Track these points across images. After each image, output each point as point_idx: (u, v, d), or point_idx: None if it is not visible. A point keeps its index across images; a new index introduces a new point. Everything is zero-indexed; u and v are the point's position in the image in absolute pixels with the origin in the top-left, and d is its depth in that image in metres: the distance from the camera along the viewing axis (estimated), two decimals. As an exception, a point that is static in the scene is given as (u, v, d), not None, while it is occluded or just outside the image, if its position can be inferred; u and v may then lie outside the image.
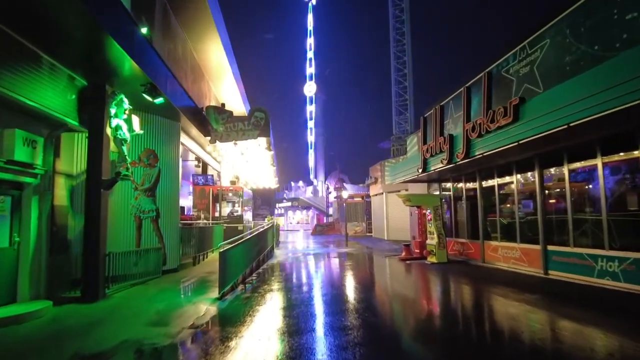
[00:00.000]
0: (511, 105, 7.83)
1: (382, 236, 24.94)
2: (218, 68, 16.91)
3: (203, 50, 15.36)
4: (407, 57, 44.49)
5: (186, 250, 12.12)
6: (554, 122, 6.78)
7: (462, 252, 13.47)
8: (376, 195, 26.81)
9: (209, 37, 14.83)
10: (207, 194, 18.15)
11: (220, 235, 15.50)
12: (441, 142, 10.65)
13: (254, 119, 13.23)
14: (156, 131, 10.53)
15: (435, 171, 11.60)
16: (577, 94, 6.40)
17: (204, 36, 14.71)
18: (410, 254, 14.59)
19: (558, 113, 6.70)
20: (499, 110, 8.26)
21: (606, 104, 5.91)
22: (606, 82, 6.00)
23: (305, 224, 54.76)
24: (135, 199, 9.97)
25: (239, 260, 9.47)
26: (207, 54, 15.71)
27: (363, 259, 15.71)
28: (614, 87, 5.80)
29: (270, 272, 11.71)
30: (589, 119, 6.22)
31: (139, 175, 10.09)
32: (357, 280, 10.03)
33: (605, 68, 6.28)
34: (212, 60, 16.20)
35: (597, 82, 6.19)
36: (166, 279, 10.08)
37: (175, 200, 11.12)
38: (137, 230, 9.95)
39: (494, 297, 7.70)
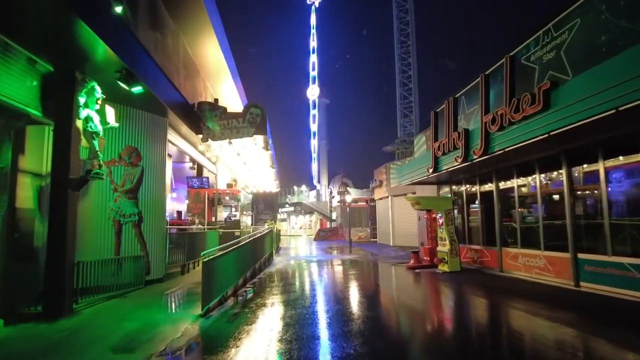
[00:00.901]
0: (541, 91, 6.77)
1: (388, 242, 23.81)
2: (215, 67, 15.96)
3: (198, 46, 14.39)
4: (412, 59, 43.58)
5: (174, 258, 11.08)
6: (596, 107, 5.71)
7: (476, 260, 12.34)
8: (381, 199, 25.70)
9: (203, 34, 13.87)
10: (203, 198, 17.15)
11: (215, 242, 14.46)
12: (455, 137, 9.59)
13: (250, 116, 12.23)
14: (139, 127, 9.54)
15: (447, 171, 10.53)
16: (627, 73, 5.33)
17: (198, 33, 13.75)
18: (419, 261, 13.48)
19: (601, 96, 5.63)
20: (525, 98, 7.18)
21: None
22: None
23: (308, 228, 53.63)
24: (115, 201, 8.96)
25: (230, 270, 8.42)
26: (202, 51, 14.75)
27: (368, 267, 14.60)
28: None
29: (266, 282, 10.65)
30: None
31: (119, 175, 9.09)
32: (362, 293, 8.95)
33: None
34: (208, 58, 15.24)
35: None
36: (149, 290, 9.05)
37: (161, 203, 10.11)
38: (116, 236, 8.93)
39: (522, 315, 6.58)
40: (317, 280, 11.12)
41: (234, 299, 8.36)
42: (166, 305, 7.78)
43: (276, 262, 15.35)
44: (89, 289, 7.62)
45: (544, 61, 8.56)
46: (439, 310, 7.46)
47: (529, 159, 9.23)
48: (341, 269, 13.77)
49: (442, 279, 10.59)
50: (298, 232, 54.08)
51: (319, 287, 9.87)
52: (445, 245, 12.27)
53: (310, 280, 11.19)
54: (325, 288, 9.60)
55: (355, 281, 10.71)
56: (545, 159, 9.04)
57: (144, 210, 9.52)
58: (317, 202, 55.28)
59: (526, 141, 7.24)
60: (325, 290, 9.25)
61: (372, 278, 11.81)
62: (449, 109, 10.09)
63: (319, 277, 11.80)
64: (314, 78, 66.47)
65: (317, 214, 52.94)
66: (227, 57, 16.02)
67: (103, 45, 6.36)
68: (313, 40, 67.34)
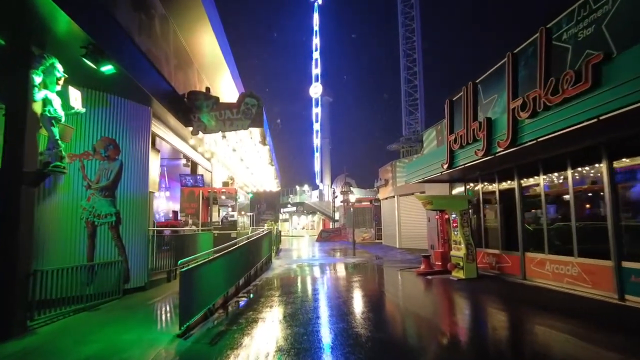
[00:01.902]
0: (589, 65, 5.62)
1: (394, 244, 22.65)
2: (210, 57, 14.88)
3: (191, 35, 13.33)
4: (417, 55, 42.40)
5: (160, 264, 9.98)
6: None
7: (494, 266, 11.18)
8: (387, 199, 24.52)
9: (197, 22, 12.84)
10: (197, 197, 16.04)
11: (208, 244, 13.36)
12: (475, 128, 8.43)
13: (244, 107, 11.13)
14: (118, 116, 8.45)
15: (465, 167, 9.38)
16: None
17: (191, 20, 12.72)
18: (430, 267, 12.34)
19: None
20: (566, 76, 6.02)
21: None
22: None
23: (311, 229, 52.53)
24: (88, 199, 7.87)
25: (218, 279, 7.31)
26: (196, 39, 13.67)
27: (374, 273, 13.47)
28: None
29: (261, 290, 9.54)
30: None
31: (93, 170, 8.00)
32: (369, 306, 7.82)
33: None
34: (202, 46, 14.17)
35: None
36: (126, 301, 7.95)
37: (143, 202, 9.01)
38: (90, 240, 7.84)
39: (558, 336, 5.42)
40: (318, 289, 9.99)
41: (222, 311, 7.26)
42: (142, 320, 6.68)
43: (275, 267, 14.24)
44: (52, 302, 6.53)
45: (579, 39, 7.41)
46: (459, 328, 6.32)
47: (560, 152, 8.07)
48: (345, 275, 12.65)
49: (457, 288, 9.45)
50: (300, 232, 53.02)
51: (321, 297, 8.74)
52: (460, 250, 11.13)
53: (310, 288, 10.06)
54: (328, 299, 8.47)
55: (361, 290, 9.58)
56: (579, 152, 7.88)
57: (123, 210, 8.43)
58: (319, 202, 54.18)
59: (566, 128, 6.08)
60: (328, 302, 8.12)
61: (379, 286, 10.68)
62: (468, 96, 8.93)
63: (321, 284, 10.67)
64: (316, 76, 65.38)
65: (319, 214, 51.85)
66: (224, 48, 14.95)
67: (64, 14, 5.30)
68: (316, 37, 66.23)
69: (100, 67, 6.36)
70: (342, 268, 14.23)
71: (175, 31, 12.70)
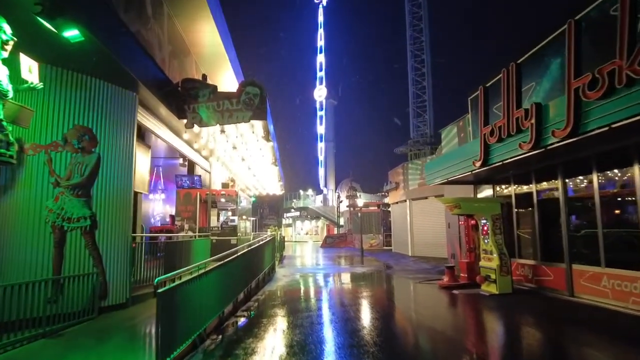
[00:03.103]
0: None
1: (405, 251, 21.19)
2: (211, 49, 13.64)
3: (188, 20, 12.08)
4: (426, 56, 41.17)
5: (146, 275, 8.62)
6: None
7: (530, 279, 9.75)
8: (397, 204, 23.08)
9: (196, 8, 11.63)
10: (194, 200, 14.73)
11: (205, 252, 11.99)
12: (521, 116, 7.04)
13: (245, 96, 9.79)
14: (96, 101, 7.12)
15: (504, 163, 7.98)
16: None
17: (189, 6, 11.51)
18: (454, 279, 10.91)
19: None
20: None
21: None
22: None
23: (315, 234, 51.07)
24: (56, 199, 6.53)
25: (210, 298, 5.94)
26: (195, 27, 12.42)
27: (389, 285, 12.08)
28: None
29: (264, 307, 8.15)
30: None
31: (63, 164, 6.67)
32: (391, 332, 6.43)
33: None
34: (202, 37, 12.94)
35: None
36: (101, 322, 6.59)
37: (126, 203, 7.65)
38: (56, 248, 6.49)
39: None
40: (329, 306, 8.58)
41: (216, 336, 5.89)
42: (115, 349, 5.31)
43: (279, 277, 12.84)
44: (3, 326, 5.18)
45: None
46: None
47: (627, 142, 6.66)
48: (356, 288, 11.24)
49: (493, 306, 8.03)
50: (304, 238, 51.58)
51: (333, 319, 7.34)
52: (491, 260, 9.70)
53: (319, 306, 8.67)
54: (342, 322, 7.05)
55: (378, 310, 8.19)
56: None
57: (100, 213, 7.07)
58: (323, 207, 52.77)
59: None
60: (343, 327, 6.70)
61: (398, 304, 9.31)
62: (510, 79, 7.53)
63: (330, 301, 9.26)
64: (321, 79, 64.23)
65: (323, 220, 50.42)
66: (224, 38, 13.69)
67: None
68: (320, 39, 65.16)
69: (63, 32, 5.04)
70: (351, 279, 12.82)
71: (170, 15, 11.45)
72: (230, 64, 14.65)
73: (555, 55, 8.21)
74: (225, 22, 13.81)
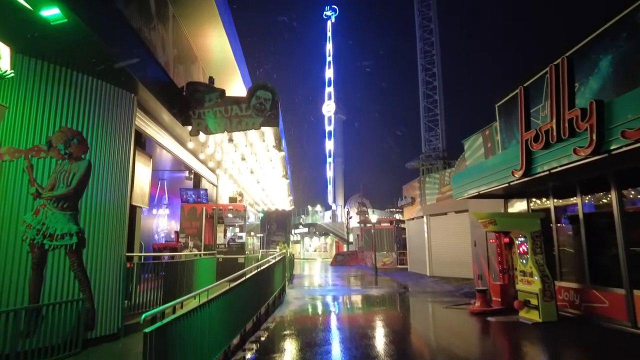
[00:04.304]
0: None
1: (422, 271, 19.92)
2: (219, 55, 12.91)
3: (195, 24, 11.40)
4: (437, 69, 40.54)
5: (142, 300, 7.60)
6: None
7: (578, 305, 8.57)
8: (413, 220, 21.91)
9: (204, 13, 10.97)
10: (199, 215, 13.79)
11: (210, 273, 10.98)
12: (575, 117, 6.01)
13: (256, 101, 8.94)
14: (87, 101, 6.26)
15: (551, 172, 6.94)
16: None
17: (196, 10, 10.85)
18: (486, 304, 9.75)
19: None
20: None
21: None
22: None
23: (324, 251, 49.77)
24: (35, 212, 5.60)
25: (212, 333, 4.91)
26: (202, 32, 11.74)
27: (412, 310, 10.95)
28: None
29: (275, 338, 7.07)
30: None
31: (46, 171, 5.76)
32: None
33: None
34: (210, 43, 12.24)
35: None
36: (85, 358, 5.57)
37: (119, 217, 6.70)
38: (35, 270, 5.53)
39: None
40: (349, 338, 7.48)
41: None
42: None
43: (289, 300, 11.74)
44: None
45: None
46: None
47: None
48: (374, 313, 10.13)
49: (540, 338, 6.91)
50: (312, 255, 50.26)
51: (355, 355, 6.24)
52: (531, 283, 8.58)
53: (338, 337, 7.58)
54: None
55: (403, 339, 7.09)
56: None
57: (89, 229, 6.13)
58: (332, 223, 51.63)
59: None
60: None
61: (427, 331, 8.18)
62: (561, 76, 6.54)
63: (349, 330, 8.15)
64: (329, 94, 63.87)
65: (332, 236, 49.21)
66: (234, 46, 12.97)
67: None
68: (329, 55, 65.11)
69: (41, 10, 4.20)
70: (368, 303, 11.67)
71: (175, 17, 10.74)
72: (240, 72, 13.91)
73: (605, 52, 7.26)
74: (235, 26, 13.14)
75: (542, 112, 9.01)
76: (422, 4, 41.55)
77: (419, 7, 41.66)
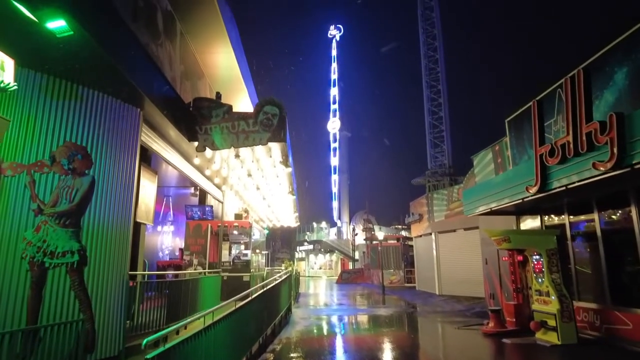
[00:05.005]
0: None
1: (431, 289, 19.45)
2: (226, 72, 12.95)
3: (203, 41, 11.47)
4: (442, 86, 40.58)
5: (145, 320, 7.34)
6: None
7: (598, 327, 8.19)
8: (421, 237, 21.54)
9: (212, 30, 11.07)
10: (204, 232, 13.57)
11: (215, 291, 10.71)
12: (594, 130, 5.83)
13: (263, 116, 8.83)
14: (92, 115, 6.15)
15: (568, 188, 6.71)
16: None
17: (203, 25, 10.93)
18: (500, 325, 9.39)
19: None
20: None
21: None
22: None
23: (329, 269, 49.09)
24: (37, 229, 5.43)
25: (217, 358, 4.65)
26: (210, 49, 11.80)
27: (422, 331, 10.58)
28: None
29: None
30: None
31: (48, 187, 5.62)
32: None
33: None
34: (217, 59, 12.30)
35: None
36: (83, 384, 5.31)
37: (123, 235, 6.51)
38: (34, 290, 5.32)
39: None
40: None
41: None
42: None
43: (296, 320, 11.39)
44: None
45: None
46: None
47: None
48: (384, 334, 9.78)
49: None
50: (317, 272, 49.58)
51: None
52: (548, 303, 8.24)
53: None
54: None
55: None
56: None
57: (91, 246, 5.94)
58: (338, 241, 51.09)
59: None
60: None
61: (440, 355, 7.82)
62: (577, 88, 6.36)
63: (359, 353, 7.83)
64: (334, 111, 64.18)
65: (338, 253, 48.60)
66: (241, 63, 13.03)
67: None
68: (334, 73, 65.65)
69: (46, 22, 4.12)
70: (376, 323, 11.31)
71: (183, 34, 10.77)
72: (246, 88, 13.91)
73: (620, 65, 7.10)
74: (241, 43, 13.18)
75: (554, 127, 8.82)
76: (427, 22, 41.93)
77: (424, 25, 42.03)
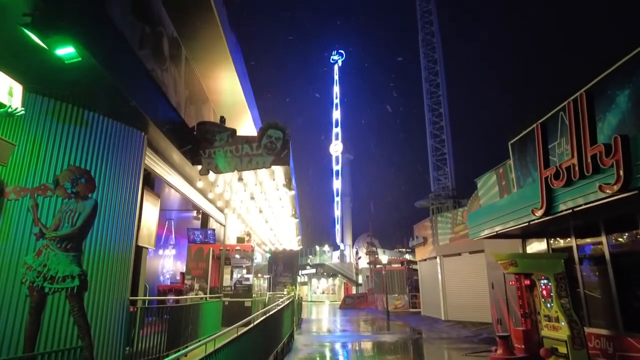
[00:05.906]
0: None
1: (437, 314, 19.05)
2: (230, 97, 13.16)
3: (208, 67, 11.69)
4: (443, 110, 41.06)
5: (145, 346, 7.17)
6: None
7: (611, 354, 7.93)
8: (425, 260, 21.26)
9: (217, 56, 11.30)
10: (206, 256, 13.45)
11: (216, 317, 10.51)
12: (599, 153, 5.80)
13: (267, 140, 8.87)
14: (96, 139, 6.18)
15: (574, 210, 6.63)
16: None
17: (209, 51, 11.17)
18: (509, 351, 9.15)
19: None
20: None
21: None
22: None
23: (332, 294, 48.34)
24: (38, 254, 5.38)
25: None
26: (214, 74, 12.02)
27: (427, 359, 10.25)
28: None
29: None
30: None
31: (50, 211, 5.60)
32: None
33: None
34: (221, 85, 12.51)
35: None
36: (79, 415, 5.14)
37: (124, 259, 6.44)
38: (32, 315, 5.22)
39: None
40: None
41: None
42: None
43: (298, 347, 11.13)
44: None
45: None
46: None
47: None
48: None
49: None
50: (320, 297, 48.82)
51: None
52: (558, 329, 8.01)
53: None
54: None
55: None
56: None
57: (91, 271, 5.86)
58: (341, 264, 50.55)
59: None
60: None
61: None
62: (580, 111, 6.40)
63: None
64: (337, 134, 64.74)
65: (341, 277, 47.98)
66: (246, 89, 13.24)
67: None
68: (336, 97, 66.62)
69: (55, 49, 4.19)
70: (381, 350, 11.04)
71: (187, 59, 10.97)
72: (250, 113, 14.06)
73: (622, 88, 7.14)
74: (246, 69, 13.42)
75: (557, 149, 8.82)
76: (428, 47, 42.76)
77: (425, 50, 42.85)
